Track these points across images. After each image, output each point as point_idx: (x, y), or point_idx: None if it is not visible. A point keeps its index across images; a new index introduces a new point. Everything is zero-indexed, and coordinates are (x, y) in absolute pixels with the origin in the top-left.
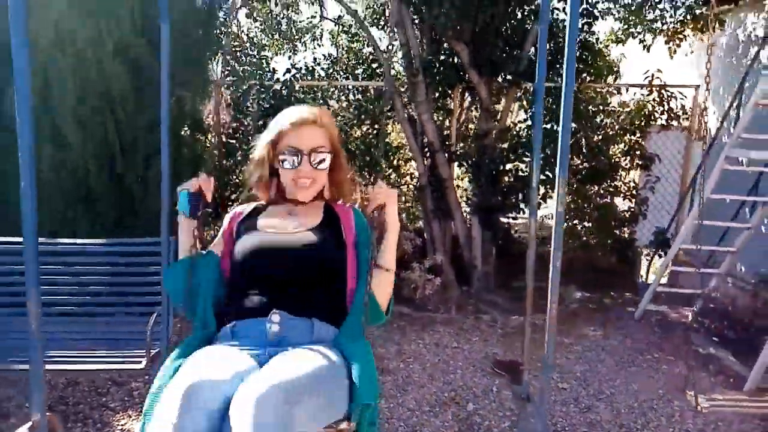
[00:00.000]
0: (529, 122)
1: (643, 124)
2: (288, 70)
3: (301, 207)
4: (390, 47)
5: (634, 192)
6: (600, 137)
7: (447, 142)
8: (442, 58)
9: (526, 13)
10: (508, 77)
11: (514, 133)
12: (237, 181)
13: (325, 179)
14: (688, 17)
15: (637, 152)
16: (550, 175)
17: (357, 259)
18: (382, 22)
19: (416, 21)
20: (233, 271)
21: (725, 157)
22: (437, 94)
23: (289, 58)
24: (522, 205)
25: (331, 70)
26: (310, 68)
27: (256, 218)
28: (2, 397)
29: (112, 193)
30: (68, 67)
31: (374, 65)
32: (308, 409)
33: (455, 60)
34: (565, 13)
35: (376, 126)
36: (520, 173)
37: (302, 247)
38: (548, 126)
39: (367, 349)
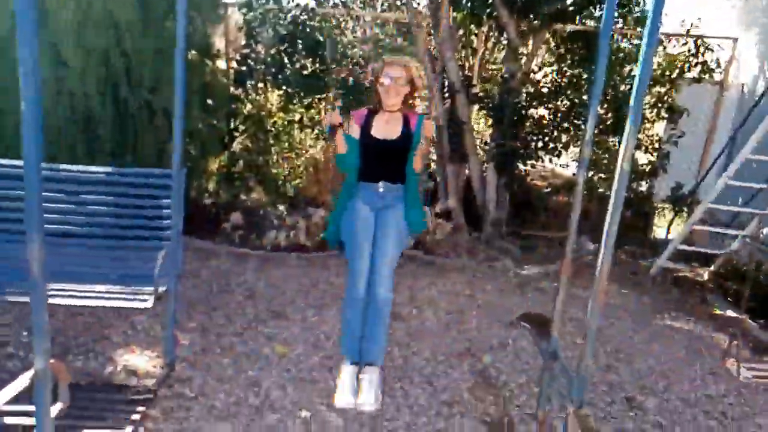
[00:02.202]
0: (555, 68)
1: (674, 76)
2: None
3: (390, 115)
4: None
5: (657, 146)
6: (628, 87)
7: (468, 83)
8: None
9: None
10: (540, 17)
11: (539, 77)
12: (245, 111)
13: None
14: None
15: (665, 105)
16: (573, 124)
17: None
18: None
19: None
20: (361, 152)
21: None
22: (461, 32)
23: None
24: (542, 153)
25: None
26: None
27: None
28: None
29: (113, 119)
30: None
31: None
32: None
33: None
34: None
35: None
36: (544, 120)
37: (395, 149)
38: (575, 72)
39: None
